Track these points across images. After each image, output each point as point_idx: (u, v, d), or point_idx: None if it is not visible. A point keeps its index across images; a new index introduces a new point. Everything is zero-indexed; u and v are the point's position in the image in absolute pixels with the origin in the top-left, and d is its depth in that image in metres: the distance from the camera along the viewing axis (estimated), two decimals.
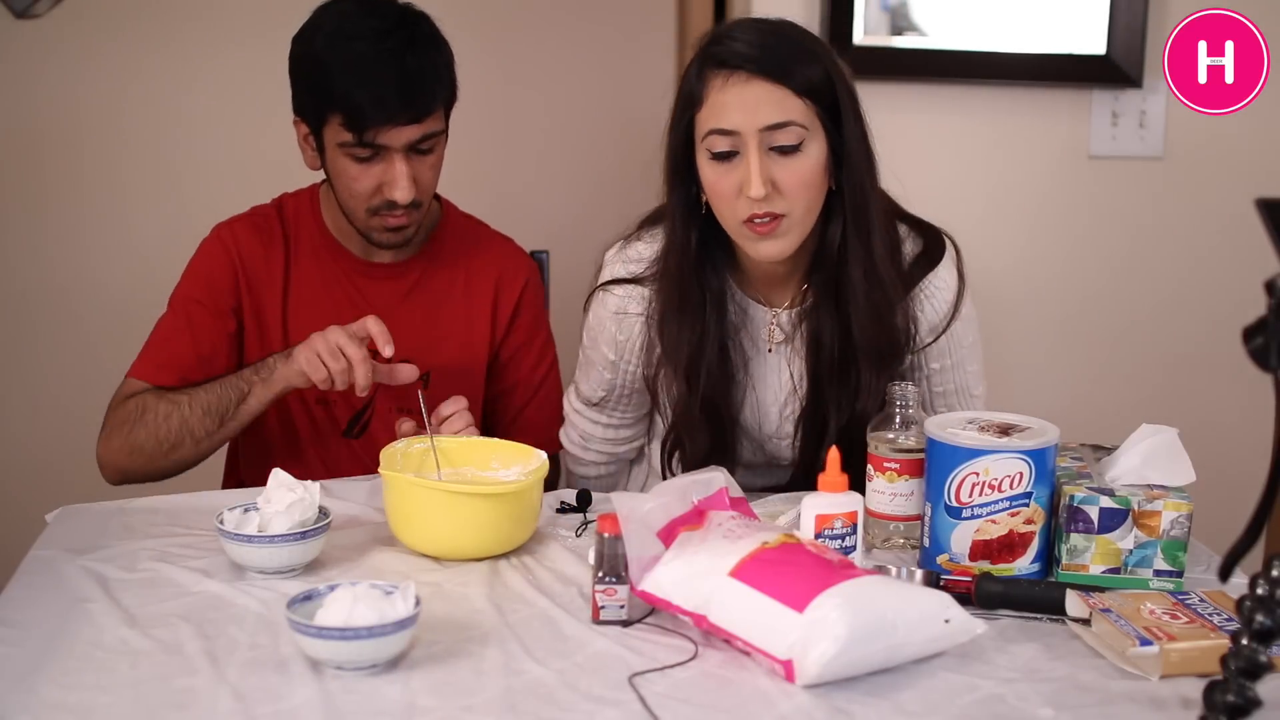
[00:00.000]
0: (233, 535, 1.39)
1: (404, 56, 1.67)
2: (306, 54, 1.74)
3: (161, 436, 1.72)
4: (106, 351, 2.91)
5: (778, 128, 1.52)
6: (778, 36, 1.56)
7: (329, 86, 1.68)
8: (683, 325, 1.64)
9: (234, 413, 1.71)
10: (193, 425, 1.71)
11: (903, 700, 1.14)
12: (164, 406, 1.72)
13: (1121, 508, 1.37)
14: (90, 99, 2.82)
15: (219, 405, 1.70)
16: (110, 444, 1.76)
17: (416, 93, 1.68)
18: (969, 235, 2.25)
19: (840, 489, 1.33)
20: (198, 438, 1.72)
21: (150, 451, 1.73)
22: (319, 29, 1.73)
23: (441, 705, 1.11)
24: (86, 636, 1.23)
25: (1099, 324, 2.50)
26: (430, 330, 1.85)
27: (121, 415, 1.75)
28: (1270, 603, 0.89)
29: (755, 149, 1.52)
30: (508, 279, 1.91)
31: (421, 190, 1.73)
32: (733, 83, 1.53)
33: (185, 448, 1.72)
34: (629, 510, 1.28)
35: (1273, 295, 0.87)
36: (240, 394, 1.70)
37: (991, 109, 2.42)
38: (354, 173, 1.71)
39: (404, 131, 1.68)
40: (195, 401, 1.71)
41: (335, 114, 1.68)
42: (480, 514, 1.45)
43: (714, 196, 1.58)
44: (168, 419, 1.71)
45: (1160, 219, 2.49)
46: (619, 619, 1.28)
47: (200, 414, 1.71)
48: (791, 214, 1.55)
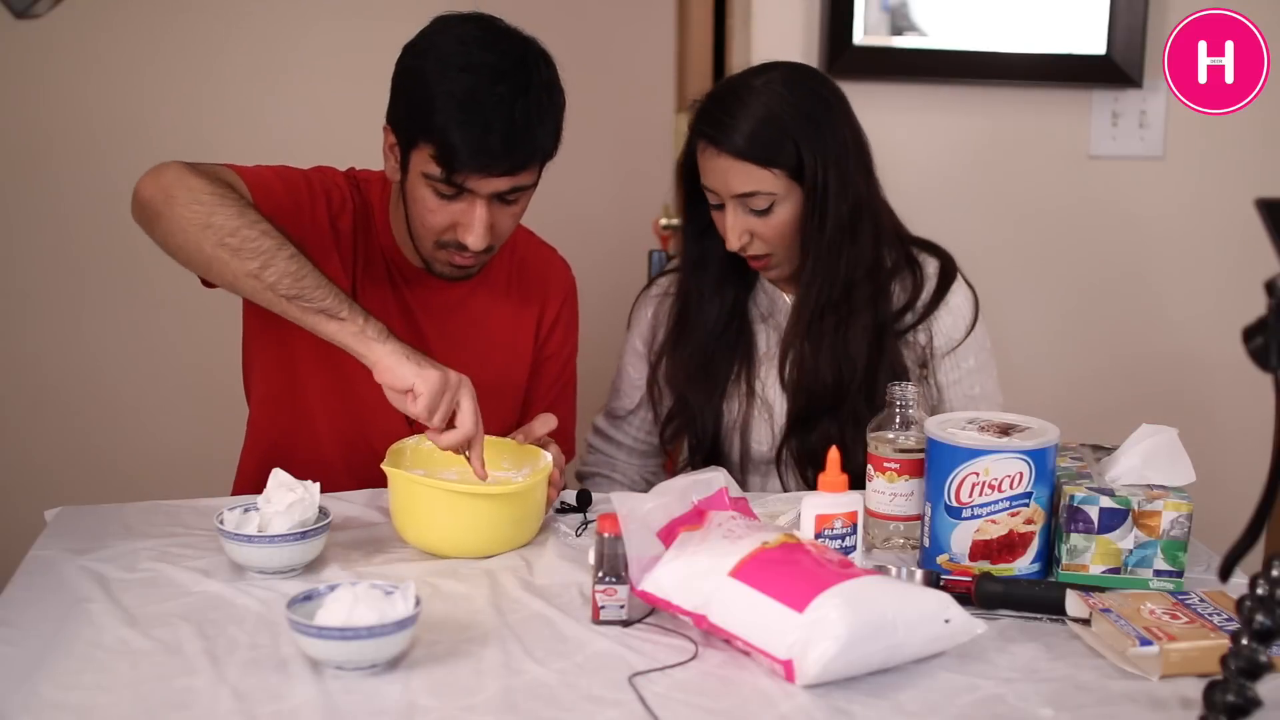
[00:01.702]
0: (233, 535, 1.39)
1: (515, 103, 1.54)
2: (414, 70, 1.60)
3: (239, 234, 1.46)
4: (107, 352, 2.93)
5: (747, 196, 1.69)
6: (763, 120, 1.67)
7: (429, 114, 1.55)
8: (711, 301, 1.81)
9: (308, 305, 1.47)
10: (274, 265, 1.46)
11: (903, 700, 1.14)
12: (269, 224, 1.48)
13: (1121, 508, 1.37)
14: (90, 99, 2.83)
15: (313, 285, 1.47)
16: (186, 178, 1.49)
17: (519, 145, 1.56)
18: (969, 235, 2.25)
19: (840, 489, 1.33)
20: (258, 274, 1.47)
21: (210, 228, 1.47)
22: (433, 48, 1.59)
23: (441, 705, 1.11)
24: (86, 636, 1.23)
25: (1099, 324, 2.50)
26: (479, 342, 1.79)
27: (220, 180, 1.52)
28: (1270, 603, 0.89)
29: (732, 209, 1.70)
30: (553, 293, 1.87)
31: (496, 237, 1.64)
32: (709, 154, 1.71)
33: (236, 263, 1.47)
34: (629, 510, 1.28)
35: (1273, 295, 0.87)
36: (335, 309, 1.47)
37: (991, 109, 2.42)
38: (432, 205, 1.60)
39: (495, 181, 1.57)
40: (298, 258, 1.48)
41: (428, 144, 1.56)
42: (480, 514, 1.45)
43: (719, 229, 1.74)
44: (263, 235, 1.47)
45: (1160, 219, 2.49)
46: (619, 619, 1.28)
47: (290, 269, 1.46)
48: (775, 254, 1.74)
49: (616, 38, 3.05)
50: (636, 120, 3.11)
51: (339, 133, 2.17)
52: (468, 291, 1.78)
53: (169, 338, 2.88)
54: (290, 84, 2.91)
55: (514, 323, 1.83)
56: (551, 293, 1.87)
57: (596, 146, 2.96)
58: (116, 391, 2.93)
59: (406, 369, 1.45)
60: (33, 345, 2.88)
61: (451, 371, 1.47)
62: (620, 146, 3.08)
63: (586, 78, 2.89)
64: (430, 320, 1.76)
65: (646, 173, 3.07)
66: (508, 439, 1.61)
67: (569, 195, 2.80)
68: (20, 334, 2.87)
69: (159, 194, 1.49)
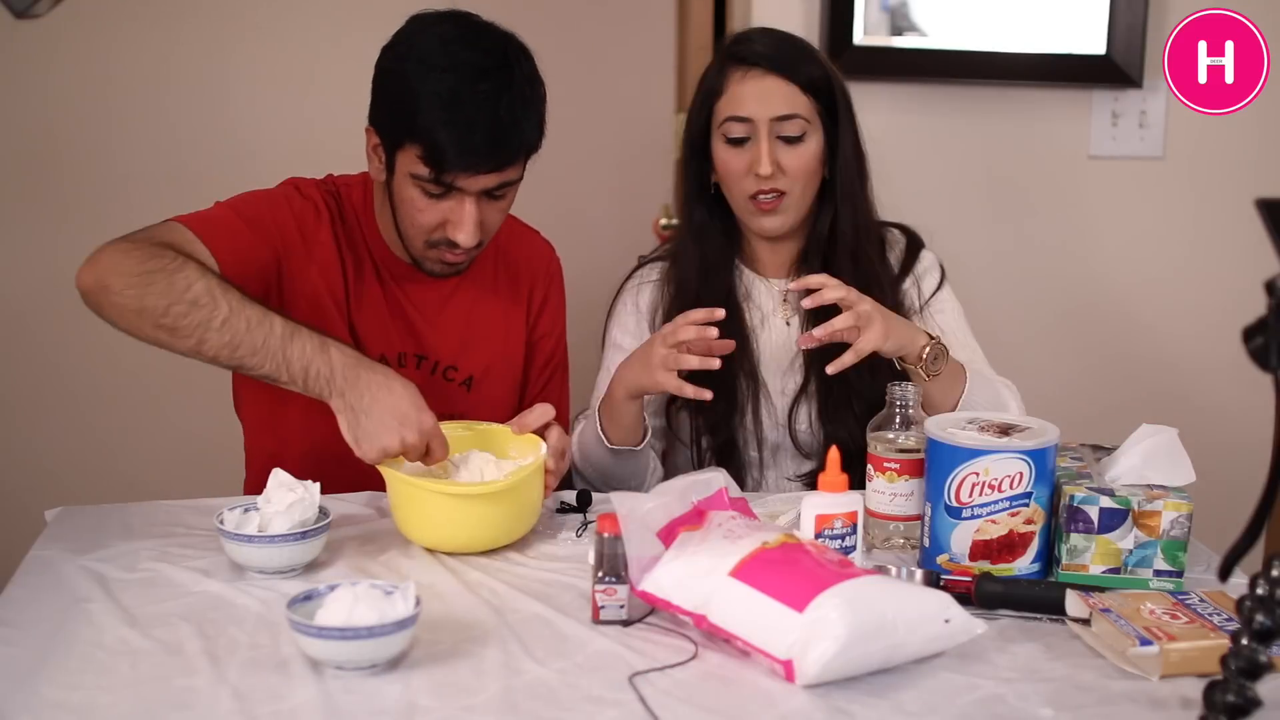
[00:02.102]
0: (233, 535, 1.39)
1: (499, 100, 1.55)
2: (395, 72, 1.60)
3: (170, 313, 1.46)
4: (108, 352, 2.92)
5: (786, 119, 1.78)
6: (790, 42, 1.84)
7: (413, 115, 1.56)
8: (705, 281, 1.85)
9: (252, 374, 1.50)
10: (208, 340, 1.47)
11: (903, 700, 1.14)
12: (199, 289, 1.47)
13: (1121, 508, 1.37)
14: (90, 99, 2.83)
15: (249, 352, 1.47)
16: (118, 263, 1.49)
17: (505, 142, 1.57)
18: (969, 235, 2.26)
19: (840, 489, 1.33)
20: (198, 350, 1.48)
21: (144, 312, 1.47)
22: (414, 49, 1.59)
23: (441, 705, 1.11)
24: (86, 636, 1.23)
25: (1099, 324, 2.50)
26: (471, 334, 1.81)
27: (153, 250, 1.50)
28: (1270, 603, 0.89)
29: (766, 135, 1.77)
30: (539, 275, 1.89)
31: (485, 232, 1.66)
32: (750, 77, 1.79)
33: (176, 342, 1.48)
34: (629, 510, 1.28)
35: (1273, 295, 0.87)
36: (275, 375, 1.48)
37: (991, 109, 2.43)
38: (421, 205, 1.62)
39: (483, 179, 1.59)
40: (231, 323, 1.47)
41: (414, 145, 1.57)
42: (473, 512, 1.46)
43: (726, 175, 1.82)
44: (192, 306, 1.46)
45: (1160, 219, 2.49)
46: (619, 619, 1.28)
47: (224, 340, 1.46)
48: (791, 193, 1.80)
49: (616, 38, 3.05)
50: (636, 120, 3.11)
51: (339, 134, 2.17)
52: (456, 284, 1.80)
53: None
54: (291, 84, 2.91)
55: (504, 309, 1.84)
56: (538, 275, 1.88)
57: (596, 146, 2.96)
58: (117, 391, 2.93)
59: (349, 438, 1.47)
60: (33, 345, 2.88)
61: (403, 432, 1.46)
62: (620, 146, 3.08)
63: (587, 78, 2.93)
64: (421, 316, 1.77)
65: (646, 173, 3.07)
66: (504, 426, 1.61)
67: (569, 195, 2.82)
68: (20, 334, 2.87)
69: (94, 285, 1.50)
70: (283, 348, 1.47)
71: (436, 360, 1.77)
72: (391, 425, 1.46)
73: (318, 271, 1.70)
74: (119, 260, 1.49)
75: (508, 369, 1.85)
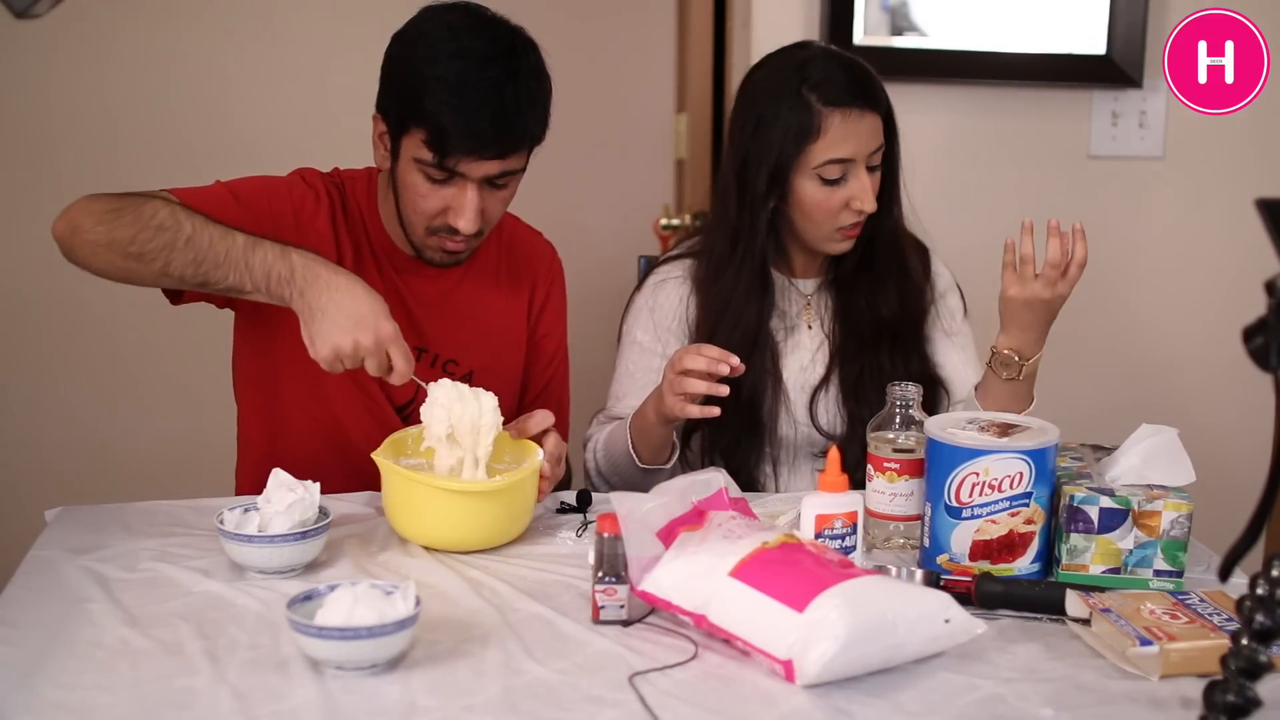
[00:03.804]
0: (233, 535, 1.39)
1: (504, 88, 1.57)
2: (404, 58, 1.63)
3: (136, 240, 1.51)
4: (108, 352, 2.93)
5: (877, 150, 1.79)
6: (865, 71, 1.81)
7: (420, 100, 1.58)
8: (749, 304, 1.84)
9: (218, 289, 1.53)
10: (174, 260, 1.51)
11: (903, 700, 1.14)
12: (163, 215, 1.51)
13: (1121, 508, 1.37)
14: (90, 99, 2.83)
15: (212, 265, 1.51)
16: (88, 205, 1.54)
17: (509, 129, 1.59)
18: (968, 235, 2.25)
19: (840, 489, 1.33)
20: (165, 272, 1.52)
21: (113, 244, 1.51)
22: (423, 35, 1.62)
23: (441, 705, 1.11)
24: (86, 636, 1.23)
25: (1099, 324, 2.50)
26: (473, 329, 1.81)
27: (123, 194, 1.56)
28: (1270, 603, 0.89)
29: (864, 171, 1.78)
30: (541, 274, 1.89)
31: (486, 221, 1.67)
32: (850, 118, 1.76)
33: (144, 269, 1.52)
34: (629, 510, 1.28)
35: (1273, 295, 0.87)
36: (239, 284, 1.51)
37: (991, 109, 2.43)
38: (423, 190, 1.63)
39: (485, 165, 1.60)
40: (194, 240, 1.51)
41: (419, 129, 1.59)
42: (465, 509, 1.47)
43: (815, 211, 1.79)
44: (157, 231, 1.50)
45: (1160, 219, 2.49)
46: (619, 619, 1.28)
47: (188, 257, 1.50)
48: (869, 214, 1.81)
49: (616, 38, 3.05)
50: (636, 120, 3.11)
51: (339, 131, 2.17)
52: (459, 278, 1.80)
53: (169, 338, 2.87)
54: (291, 84, 2.91)
55: (506, 307, 1.85)
56: (539, 274, 1.89)
57: (596, 146, 2.97)
58: (117, 391, 2.93)
59: (304, 338, 1.48)
60: (33, 345, 2.88)
61: (359, 335, 1.47)
62: (620, 146, 3.08)
63: (587, 78, 2.93)
64: (424, 309, 1.77)
65: (646, 173, 3.07)
66: (502, 431, 1.61)
67: (569, 196, 2.82)
68: (21, 334, 2.87)
69: (66, 228, 1.54)
70: (245, 257, 1.50)
71: (437, 353, 1.78)
72: (346, 325, 1.46)
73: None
74: (89, 204, 1.55)
75: (508, 364, 1.85)
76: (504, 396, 1.77)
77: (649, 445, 1.75)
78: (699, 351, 1.60)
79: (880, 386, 1.77)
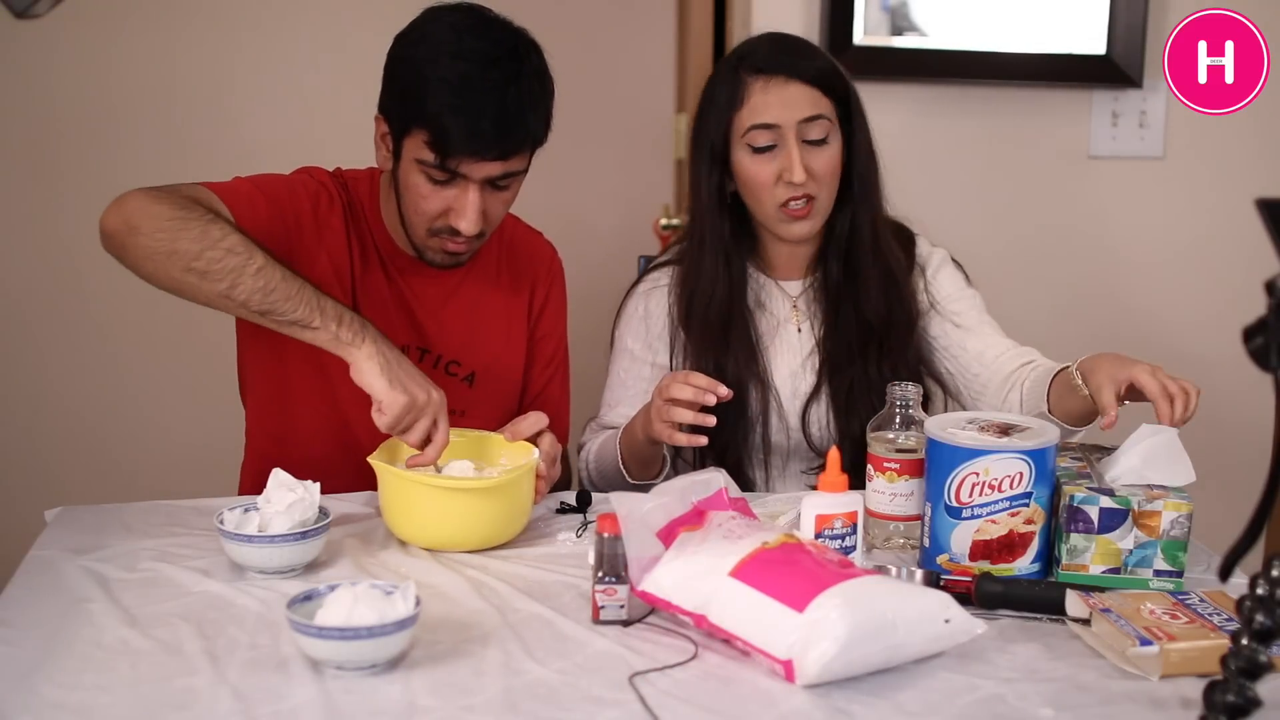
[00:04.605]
0: (233, 535, 1.39)
1: (507, 90, 1.57)
2: (407, 59, 1.63)
3: (203, 257, 1.48)
4: (107, 352, 2.93)
5: (811, 120, 1.77)
6: (800, 44, 1.84)
7: (422, 101, 1.58)
8: (718, 282, 1.84)
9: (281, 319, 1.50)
10: (241, 285, 1.48)
11: (903, 700, 1.14)
12: (234, 240, 1.49)
13: (1121, 508, 1.37)
14: (90, 99, 2.83)
15: (283, 297, 1.49)
16: (147, 206, 1.50)
17: (511, 130, 1.59)
18: (969, 235, 2.25)
19: (840, 489, 1.33)
20: (228, 294, 1.49)
21: (175, 255, 1.48)
22: (426, 37, 1.62)
23: (441, 705, 1.11)
24: (86, 636, 1.23)
25: (1099, 324, 2.50)
26: (474, 330, 1.82)
27: (182, 200, 1.52)
28: (1270, 603, 0.89)
29: (794, 141, 1.76)
30: (541, 275, 1.89)
31: (488, 223, 1.67)
32: (773, 85, 1.77)
33: (206, 286, 1.49)
34: (629, 510, 1.28)
35: (1273, 295, 0.87)
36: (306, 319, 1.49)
37: (991, 109, 2.43)
38: (425, 191, 1.63)
39: (487, 166, 1.60)
40: (266, 271, 1.49)
41: (422, 130, 1.59)
42: (461, 508, 1.47)
43: (753, 185, 1.79)
44: (228, 253, 1.48)
45: (1160, 219, 2.49)
46: (619, 619, 1.28)
47: (258, 285, 1.48)
48: (820, 197, 1.79)
49: (616, 38, 3.06)
50: (636, 120, 3.11)
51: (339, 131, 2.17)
52: (460, 279, 1.80)
53: (170, 337, 2.88)
54: (292, 84, 2.91)
55: (507, 307, 1.85)
56: (540, 274, 1.89)
57: (596, 146, 2.97)
58: (117, 391, 2.93)
59: (378, 382, 1.48)
60: (34, 345, 2.89)
61: (427, 392, 1.50)
62: (620, 146, 3.08)
63: (587, 78, 2.93)
64: (425, 310, 1.78)
65: (646, 173, 3.07)
66: (497, 434, 1.62)
67: (569, 196, 2.82)
68: (21, 334, 2.87)
69: (122, 225, 1.51)
70: (317, 296, 1.51)
71: (440, 354, 1.78)
72: (419, 380, 1.50)
73: (327, 256, 1.71)
74: (148, 204, 1.51)
75: (510, 366, 1.85)
76: (504, 394, 1.78)
77: (638, 461, 1.76)
78: (686, 380, 1.60)
79: (871, 400, 1.78)
